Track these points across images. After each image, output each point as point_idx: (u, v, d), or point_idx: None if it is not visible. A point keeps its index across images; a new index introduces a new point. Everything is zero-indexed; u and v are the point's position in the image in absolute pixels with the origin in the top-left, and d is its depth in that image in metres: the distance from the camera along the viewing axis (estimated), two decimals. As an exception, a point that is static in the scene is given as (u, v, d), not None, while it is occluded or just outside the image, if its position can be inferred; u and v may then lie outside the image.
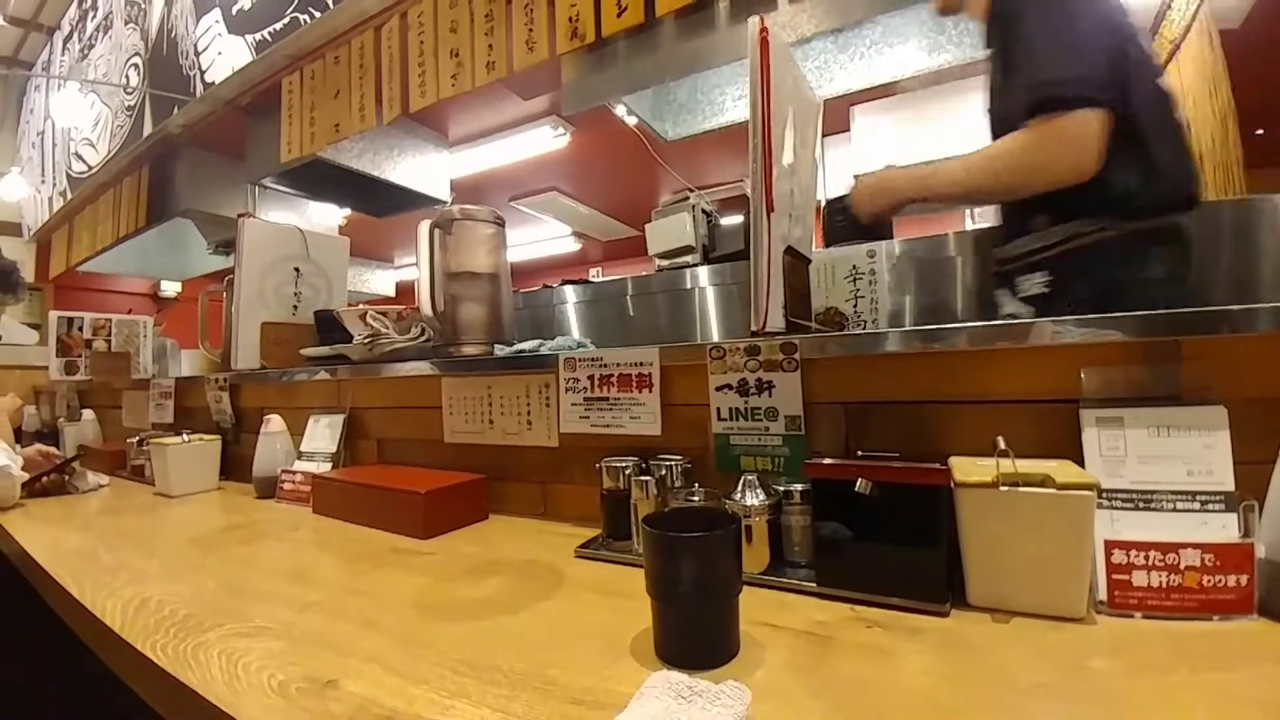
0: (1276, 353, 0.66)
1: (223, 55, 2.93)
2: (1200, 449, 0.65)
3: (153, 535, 1.19)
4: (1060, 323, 0.70)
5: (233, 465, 1.65)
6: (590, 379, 1.04)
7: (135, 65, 3.67)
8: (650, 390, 0.99)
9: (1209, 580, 0.60)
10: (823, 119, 1.15)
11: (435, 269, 1.29)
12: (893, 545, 0.68)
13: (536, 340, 1.27)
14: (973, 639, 0.60)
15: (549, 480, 1.17)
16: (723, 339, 0.91)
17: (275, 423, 1.49)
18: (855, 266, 1.48)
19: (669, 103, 2.74)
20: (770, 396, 0.86)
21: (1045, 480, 0.61)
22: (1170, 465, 0.65)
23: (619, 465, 0.94)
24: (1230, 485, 0.63)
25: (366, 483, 1.20)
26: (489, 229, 1.36)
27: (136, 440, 1.73)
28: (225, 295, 1.85)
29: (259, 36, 2.74)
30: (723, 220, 2.60)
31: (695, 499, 0.85)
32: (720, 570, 0.58)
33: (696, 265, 2.43)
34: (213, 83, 2.99)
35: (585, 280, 2.82)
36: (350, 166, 3.07)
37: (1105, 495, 0.66)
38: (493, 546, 1.00)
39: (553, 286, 2.75)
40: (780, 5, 1.73)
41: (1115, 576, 0.62)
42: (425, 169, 3.48)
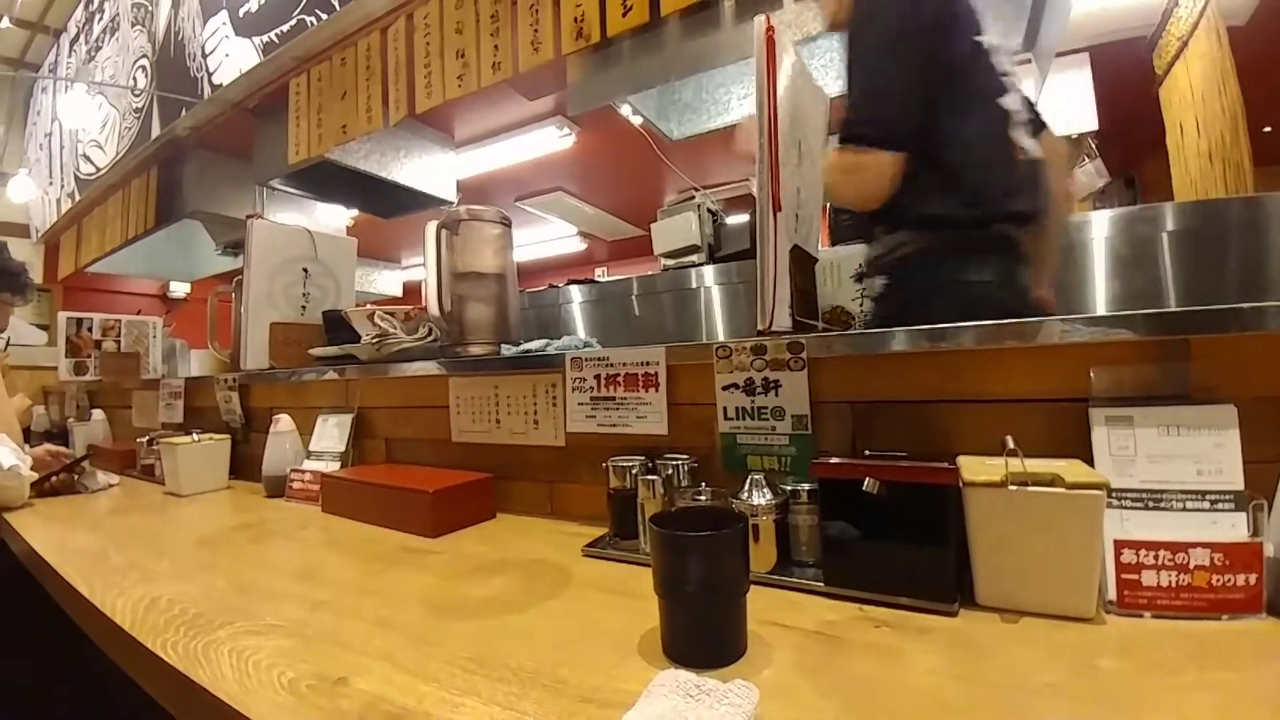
0: (1286, 351, 0.66)
1: (230, 57, 2.95)
2: (1210, 448, 0.64)
3: (162, 534, 1.20)
4: (1069, 321, 0.70)
5: (242, 465, 1.66)
6: (597, 378, 1.05)
7: (143, 67, 3.69)
8: (656, 390, 0.99)
9: (1218, 580, 0.59)
10: (829, 117, 1.15)
11: (442, 269, 1.29)
12: (901, 545, 0.68)
13: (543, 340, 1.27)
14: (982, 639, 0.60)
15: (556, 479, 1.18)
16: (729, 338, 0.91)
17: (284, 422, 1.50)
18: (862, 265, 1.48)
19: (674, 102, 2.74)
20: (777, 396, 0.86)
21: (1054, 480, 0.61)
22: (1180, 464, 0.65)
23: (626, 464, 0.94)
24: (1240, 484, 0.63)
25: (375, 482, 1.21)
26: (495, 229, 1.37)
27: (146, 440, 1.74)
28: (234, 296, 1.87)
29: (266, 38, 2.75)
30: (728, 219, 2.61)
31: (702, 498, 0.85)
32: (727, 569, 0.58)
33: (702, 264, 2.43)
34: (220, 85, 3.01)
35: (591, 280, 2.83)
36: (357, 167, 3.09)
37: (1115, 495, 0.65)
38: (500, 545, 1.00)
39: (559, 286, 2.76)
40: (786, 4, 1.72)
41: (1125, 576, 0.62)
42: (431, 170, 3.49)
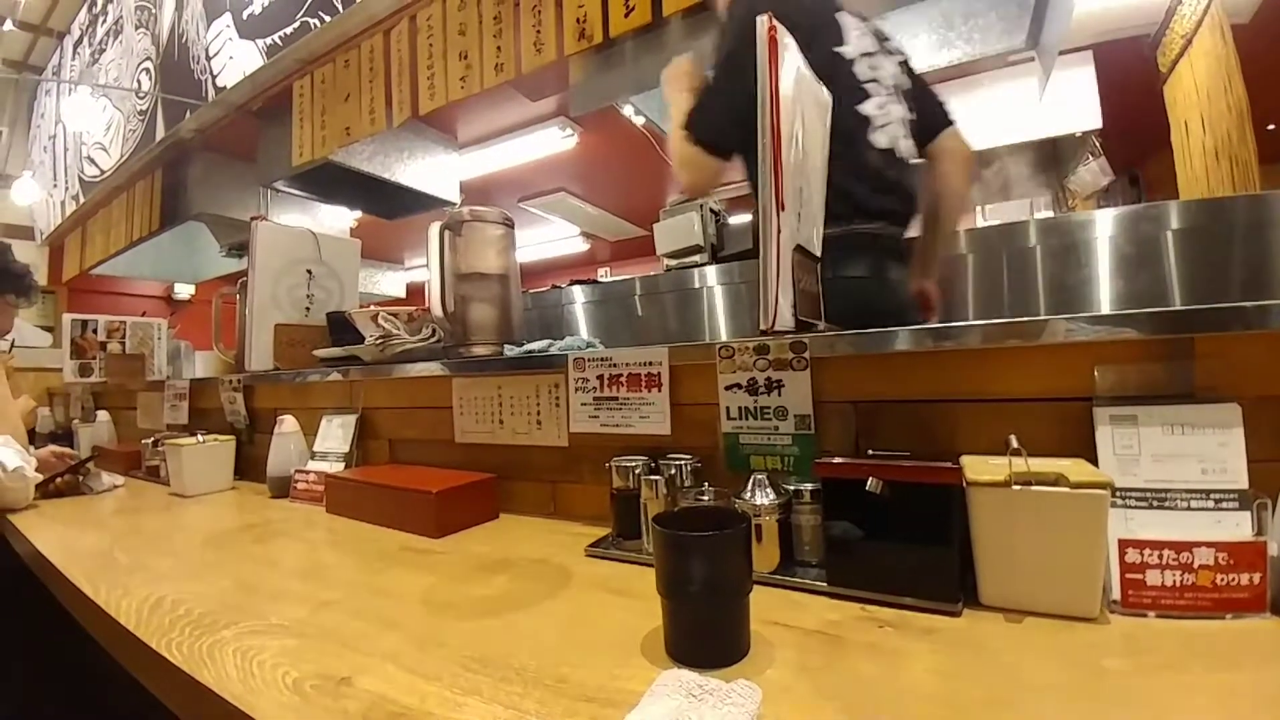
0: (1291, 350, 0.66)
1: (234, 60, 2.96)
2: (1214, 447, 0.64)
3: (167, 535, 1.20)
4: (1073, 320, 0.70)
5: (247, 465, 1.67)
6: (599, 379, 1.05)
7: (146, 70, 3.71)
8: (659, 390, 0.99)
9: (1223, 579, 0.59)
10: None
11: (445, 270, 1.29)
12: (904, 545, 0.68)
13: (546, 340, 1.28)
14: (985, 639, 0.60)
15: (559, 480, 1.18)
16: (731, 338, 0.91)
17: (289, 423, 1.50)
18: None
19: (676, 102, 2.73)
20: (780, 395, 0.86)
21: (1059, 479, 0.61)
22: (1184, 463, 0.65)
23: (628, 464, 0.94)
24: (1244, 483, 0.63)
25: (379, 482, 1.21)
26: (498, 230, 1.37)
27: (151, 441, 1.75)
28: (239, 297, 1.88)
29: (270, 41, 2.76)
30: (731, 219, 2.60)
31: (705, 498, 0.85)
32: (730, 569, 0.58)
33: (705, 264, 2.43)
34: (224, 87, 3.02)
35: (594, 280, 2.82)
36: (361, 169, 3.10)
37: (1119, 494, 0.65)
38: (503, 545, 1.00)
39: (561, 287, 2.76)
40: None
41: (1129, 576, 0.62)
42: (435, 171, 3.50)
